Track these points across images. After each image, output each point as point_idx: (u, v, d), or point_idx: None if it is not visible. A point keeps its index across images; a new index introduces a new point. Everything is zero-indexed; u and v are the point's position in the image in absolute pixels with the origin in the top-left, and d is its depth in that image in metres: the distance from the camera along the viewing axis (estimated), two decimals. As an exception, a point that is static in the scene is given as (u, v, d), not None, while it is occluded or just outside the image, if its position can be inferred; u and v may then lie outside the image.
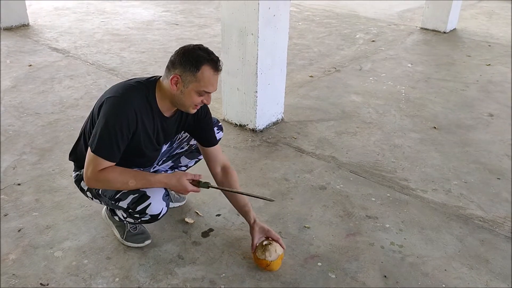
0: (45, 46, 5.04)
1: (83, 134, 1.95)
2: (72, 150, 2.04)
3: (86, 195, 2.04)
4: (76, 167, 2.04)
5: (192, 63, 1.71)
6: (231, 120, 3.38)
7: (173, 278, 1.98)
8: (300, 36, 5.69)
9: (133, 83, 1.83)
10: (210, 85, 1.77)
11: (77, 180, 2.02)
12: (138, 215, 1.88)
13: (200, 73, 1.72)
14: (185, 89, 1.75)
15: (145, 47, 5.11)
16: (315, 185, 2.67)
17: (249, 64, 3.05)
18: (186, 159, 2.32)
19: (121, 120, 1.72)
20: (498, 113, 3.69)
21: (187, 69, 1.72)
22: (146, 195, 1.83)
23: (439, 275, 2.04)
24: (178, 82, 1.74)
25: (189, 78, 1.73)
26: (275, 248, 1.96)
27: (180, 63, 1.73)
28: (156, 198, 1.84)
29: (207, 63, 1.72)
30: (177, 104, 1.83)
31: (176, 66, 1.74)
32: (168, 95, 1.80)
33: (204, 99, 1.81)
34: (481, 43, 5.56)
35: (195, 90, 1.75)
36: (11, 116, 3.43)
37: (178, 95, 1.77)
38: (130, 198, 1.84)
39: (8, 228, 2.25)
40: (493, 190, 2.67)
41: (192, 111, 1.86)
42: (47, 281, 1.94)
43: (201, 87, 1.75)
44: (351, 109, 3.70)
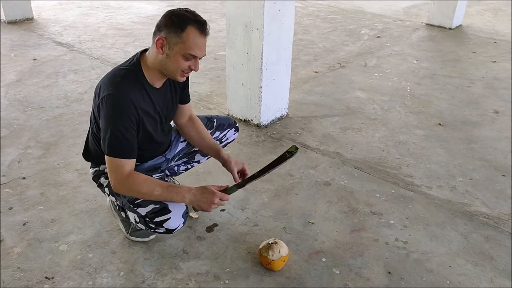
0: (49, 40, 5.04)
1: (92, 133, 1.92)
2: (85, 151, 2.02)
3: (103, 190, 2.01)
4: (94, 164, 2.02)
5: (176, 24, 1.64)
6: (236, 115, 3.38)
7: (178, 272, 1.98)
8: (305, 31, 5.67)
9: (119, 71, 1.75)
10: (196, 48, 1.68)
11: (96, 176, 2.00)
12: (153, 225, 1.83)
13: (185, 34, 1.64)
14: (170, 52, 1.67)
15: (150, 41, 5.05)
16: (320, 181, 2.66)
17: (254, 59, 3.04)
18: (200, 156, 2.32)
19: (123, 118, 1.68)
20: (504, 110, 3.67)
21: (172, 30, 1.65)
22: (167, 209, 1.79)
23: (444, 271, 2.03)
24: (163, 44, 1.67)
25: (174, 40, 1.65)
26: (279, 249, 1.96)
27: (165, 25, 1.66)
28: (177, 215, 1.81)
29: (192, 23, 1.65)
30: (164, 71, 1.75)
31: (161, 29, 1.67)
32: (156, 63, 1.73)
33: (191, 65, 1.72)
34: (487, 39, 5.52)
35: (181, 53, 1.67)
36: (16, 110, 3.43)
37: (164, 59, 1.70)
38: (151, 207, 1.80)
39: (13, 221, 2.26)
40: (498, 187, 2.66)
41: (180, 79, 1.78)
42: (52, 275, 1.95)
43: (186, 49, 1.66)
44: (355, 105, 3.69)
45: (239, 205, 2.42)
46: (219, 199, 1.77)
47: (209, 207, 1.76)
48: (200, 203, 1.76)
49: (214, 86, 3.99)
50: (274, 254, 1.94)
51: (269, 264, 1.96)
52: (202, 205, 1.76)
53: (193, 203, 1.77)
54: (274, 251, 1.95)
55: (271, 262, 1.95)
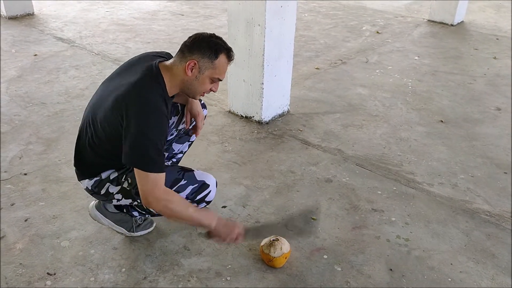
0: (50, 36, 5.03)
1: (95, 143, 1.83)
2: (80, 162, 1.93)
3: (112, 197, 1.92)
4: (89, 175, 1.91)
5: (211, 51, 1.73)
6: (237, 111, 3.37)
7: (179, 269, 1.98)
8: (306, 27, 5.65)
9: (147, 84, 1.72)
10: (223, 73, 1.81)
11: (98, 186, 1.90)
12: (196, 204, 1.91)
13: (217, 61, 1.75)
14: (200, 75, 1.76)
15: (151, 37, 5.08)
16: (321, 178, 2.66)
17: (255, 56, 3.03)
18: (178, 145, 2.28)
19: (162, 133, 1.70)
20: (506, 107, 3.66)
21: (206, 55, 1.73)
22: (206, 184, 1.90)
23: (445, 269, 2.03)
24: (194, 67, 1.74)
25: (207, 65, 1.74)
26: (281, 246, 1.96)
27: (199, 49, 1.73)
28: (213, 186, 1.94)
29: (224, 51, 1.77)
30: (187, 89, 1.80)
31: (194, 52, 1.73)
32: (179, 80, 1.77)
33: (213, 87, 1.83)
34: (489, 36, 5.51)
35: (210, 77, 1.78)
36: (17, 105, 3.43)
37: (192, 81, 1.77)
38: (190, 188, 1.87)
39: (14, 217, 2.26)
40: (500, 184, 2.66)
41: (197, 98, 1.89)
42: (54, 271, 1.95)
43: (216, 74, 1.78)
44: (357, 102, 3.68)
45: (241, 202, 2.42)
46: (238, 235, 1.81)
47: (226, 237, 1.79)
48: (222, 232, 1.79)
49: (215, 82, 3.98)
50: (275, 251, 1.94)
51: (271, 261, 1.97)
52: (222, 233, 1.79)
53: (216, 229, 1.79)
54: (276, 248, 1.95)
55: (273, 259, 1.95)
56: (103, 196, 1.92)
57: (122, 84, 1.73)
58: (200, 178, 1.90)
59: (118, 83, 1.76)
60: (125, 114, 1.66)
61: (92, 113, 1.83)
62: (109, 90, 1.78)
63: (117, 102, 1.69)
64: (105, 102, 1.75)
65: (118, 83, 1.77)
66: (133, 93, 1.69)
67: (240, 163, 2.78)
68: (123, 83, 1.73)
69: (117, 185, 1.87)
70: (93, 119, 1.81)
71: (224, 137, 3.08)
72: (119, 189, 1.87)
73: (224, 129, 3.18)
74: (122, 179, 1.86)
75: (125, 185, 1.86)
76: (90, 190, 1.93)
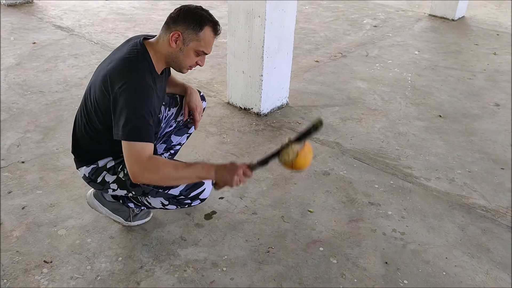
0: (49, 24, 5.00)
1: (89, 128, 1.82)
2: (77, 149, 1.92)
3: (108, 187, 1.89)
4: (86, 163, 1.90)
5: (195, 22, 1.70)
6: (236, 103, 3.37)
7: (176, 259, 1.99)
8: (306, 20, 5.63)
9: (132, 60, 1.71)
10: (209, 46, 1.77)
11: (95, 173, 1.88)
12: (189, 200, 1.89)
13: (202, 33, 1.72)
14: (184, 47, 1.73)
15: (150, 27, 5.06)
16: (319, 171, 2.67)
17: (255, 47, 3.02)
18: (176, 137, 2.28)
19: (147, 103, 1.66)
20: (505, 103, 3.67)
21: (190, 27, 1.70)
22: (200, 181, 1.86)
23: (440, 262, 2.05)
24: (178, 39, 1.71)
25: (191, 37, 1.71)
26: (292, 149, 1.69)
27: (184, 20, 1.70)
28: (208, 183, 1.88)
29: (209, 23, 1.73)
30: (172, 62, 1.78)
31: (178, 23, 1.71)
32: (165, 54, 1.75)
33: (199, 60, 1.80)
34: (490, 31, 5.49)
35: (195, 49, 1.74)
36: (15, 93, 3.42)
37: (176, 52, 1.74)
38: (184, 185, 1.84)
39: (12, 205, 2.26)
40: (497, 180, 2.67)
41: (184, 71, 1.84)
42: (50, 259, 1.96)
43: (201, 46, 1.74)
44: (356, 96, 3.68)
45: (238, 193, 2.43)
46: (243, 173, 1.71)
47: (232, 179, 1.69)
48: (225, 176, 1.70)
49: (215, 73, 3.97)
50: (290, 156, 1.70)
51: (294, 166, 1.73)
52: (226, 178, 1.70)
53: (218, 177, 1.71)
54: (289, 152, 1.70)
55: (294, 164, 1.71)
56: (100, 184, 1.91)
57: (109, 62, 1.73)
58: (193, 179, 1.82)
59: (106, 63, 1.77)
60: (111, 88, 1.64)
61: (84, 98, 1.84)
62: (99, 72, 1.78)
63: (103, 78, 1.69)
64: (96, 84, 1.75)
65: (106, 63, 1.77)
66: (118, 67, 1.68)
67: (238, 155, 2.78)
68: (111, 61, 1.73)
69: (113, 174, 1.86)
70: (85, 103, 1.82)
71: (223, 128, 3.08)
72: (114, 178, 1.87)
73: (223, 121, 3.18)
74: (118, 169, 1.85)
75: (120, 175, 1.85)
76: (87, 178, 1.92)
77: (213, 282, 1.89)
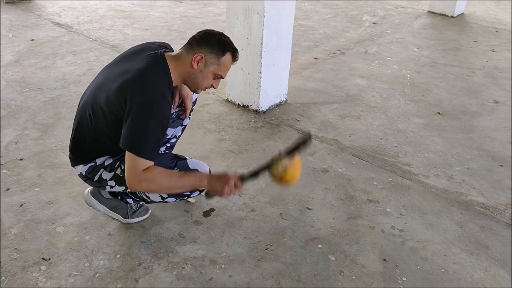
0: (47, 21, 4.99)
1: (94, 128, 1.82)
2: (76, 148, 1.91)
3: (106, 184, 1.91)
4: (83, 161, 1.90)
5: (219, 47, 1.79)
6: (234, 100, 3.36)
7: (174, 256, 1.99)
8: (305, 17, 5.62)
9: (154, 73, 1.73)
10: (226, 71, 1.86)
11: (92, 171, 1.89)
12: (188, 192, 1.92)
13: (223, 58, 1.80)
14: (205, 69, 1.80)
15: (149, 24, 5.05)
16: (317, 168, 2.66)
17: (254, 44, 3.02)
18: (171, 130, 2.25)
19: (164, 124, 1.72)
20: (504, 100, 3.66)
21: (214, 51, 1.78)
22: None
23: (438, 260, 2.05)
24: (201, 61, 1.77)
25: (213, 60, 1.79)
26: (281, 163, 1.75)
27: (208, 44, 1.78)
28: None
29: (231, 50, 1.82)
30: (190, 81, 1.84)
31: (203, 46, 1.78)
32: (183, 71, 1.80)
33: (214, 83, 1.87)
34: (489, 28, 5.49)
35: (214, 72, 1.82)
36: (14, 90, 3.41)
37: (196, 74, 1.80)
38: None
39: (10, 202, 2.26)
40: (496, 177, 2.67)
41: (199, 92, 1.92)
42: (49, 256, 1.96)
43: (220, 70, 1.83)
44: (355, 93, 3.67)
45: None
46: (234, 184, 1.76)
47: (223, 190, 1.75)
48: (216, 186, 1.76)
49: (213, 70, 3.96)
50: (279, 169, 1.75)
51: (282, 180, 1.79)
52: (218, 188, 1.76)
53: (210, 186, 1.77)
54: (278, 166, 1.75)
55: (283, 178, 1.77)
56: (97, 182, 1.91)
57: (128, 70, 1.74)
58: (193, 166, 1.89)
59: (123, 69, 1.76)
60: (130, 98, 1.67)
61: (92, 98, 1.82)
62: (113, 75, 1.78)
63: (122, 86, 1.70)
64: (109, 87, 1.75)
65: (123, 69, 1.77)
66: (140, 78, 1.70)
67: (237, 152, 2.78)
68: (129, 69, 1.74)
69: (110, 171, 1.86)
70: (93, 104, 1.81)
71: (221, 125, 3.08)
72: (112, 175, 1.87)
73: (221, 118, 3.18)
74: (116, 165, 1.85)
75: (118, 172, 1.85)
76: (83, 176, 1.92)
77: (212, 279, 1.89)
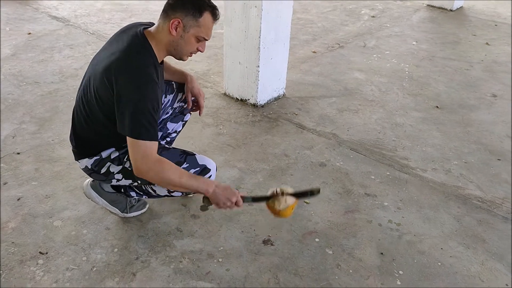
0: (44, 14, 4.96)
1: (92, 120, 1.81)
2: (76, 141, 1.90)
3: (112, 177, 1.90)
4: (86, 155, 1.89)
5: (195, 8, 1.70)
6: (232, 94, 3.35)
7: (171, 250, 1.99)
8: (304, 10, 5.60)
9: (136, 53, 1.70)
10: (209, 32, 1.77)
11: (98, 165, 1.88)
12: None
13: (202, 19, 1.72)
14: (185, 34, 1.72)
15: (147, 17, 5.02)
16: (315, 162, 2.66)
17: (251, 38, 3.00)
18: (172, 124, 2.25)
19: (153, 100, 1.66)
20: (502, 93, 3.66)
21: (190, 13, 1.70)
22: (207, 168, 1.88)
23: (435, 253, 2.05)
24: (178, 26, 1.70)
25: (191, 23, 1.71)
26: (285, 199, 1.81)
27: (183, 7, 1.70)
28: (213, 171, 1.91)
29: (208, 9, 1.73)
30: (174, 50, 1.77)
31: (177, 10, 1.70)
32: (164, 42, 1.74)
33: (199, 47, 1.79)
34: (488, 22, 5.47)
35: (195, 36, 1.74)
36: (11, 84, 3.40)
37: (177, 40, 1.73)
38: (192, 171, 1.85)
39: (7, 196, 2.26)
40: (493, 171, 2.67)
41: (185, 59, 1.84)
42: (46, 250, 1.96)
43: (201, 32, 1.74)
44: (353, 86, 3.66)
45: (234, 185, 2.43)
46: (236, 201, 1.75)
47: (224, 203, 1.74)
48: (219, 198, 1.74)
49: (211, 64, 3.95)
50: (280, 205, 1.80)
51: (278, 214, 1.83)
52: (219, 199, 1.74)
53: (213, 195, 1.74)
54: (280, 201, 1.80)
55: (279, 212, 1.80)
56: (103, 175, 1.90)
57: (111, 54, 1.71)
58: (201, 162, 1.88)
59: (106, 54, 1.74)
60: (115, 82, 1.63)
61: (83, 90, 1.81)
62: (100, 61, 1.75)
63: (106, 70, 1.67)
64: (96, 74, 1.73)
65: (106, 54, 1.74)
66: (122, 60, 1.66)
67: (235, 146, 2.77)
68: (112, 52, 1.71)
69: (119, 165, 1.85)
70: (85, 94, 1.79)
71: (219, 119, 3.07)
72: (120, 169, 1.86)
73: (219, 112, 3.17)
74: (124, 159, 1.84)
75: (126, 165, 1.84)
76: (89, 170, 1.91)
77: (209, 273, 1.89)
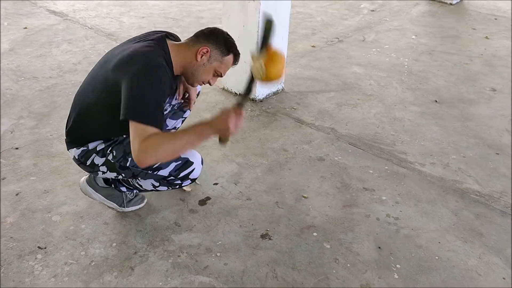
0: (42, 9, 4.94)
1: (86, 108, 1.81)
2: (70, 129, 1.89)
3: (97, 169, 1.89)
4: (76, 144, 1.89)
5: (225, 46, 1.82)
6: (231, 89, 3.35)
7: (170, 244, 2.00)
8: (303, 4, 5.58)
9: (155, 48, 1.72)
10: (226, 71, 1.89)
11: (84, 156, 1.87)
12: (179, 181, 1.94)
13: (227, 57, 1.84)
14: (208, 64, 1.82)
15: (145, 12, 5.01)
16: (314, 156, 2.66)
17: (250, 32, 2.99)
18: (172, 121, 2.25)
19: (164, 92, 1.68)
20: (501, 88, 3.65)
21: (219, 48, 1.81)
22: (189, 161, 1.90)
23: (433, 247, 2.06)
24: (205, 54, 1.79)
25: (217, 57, 1.82)
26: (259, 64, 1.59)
27: (215, 40, 1.81)
28: (198, 163, 1.93)
29: (234, 52, 1.86)
30: (190, 73, 1.85)
31: (209, 41, 1.80)
32: (185, 61, 1.81)
33: (212, 80, 1.89)
34: (488, 16, 5.45)
35: (215, 69, 1.84)
36: (9, 79, 3.39)
37: (198, 66, 1.82)
38: (173, 165, 1.87)
39: (6, 191, 2.26)
40: (491, 165, 2.67)
41: (195, 85, 1.94)
42: (45, 245, 1.96)
43: (221, 68, 1.85)
44: (352, 81, 3.66)
45: (232, 179, 2.43)
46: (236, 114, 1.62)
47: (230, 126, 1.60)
48: (222, 125, 1.62)
49: (210, 58, 3.94)
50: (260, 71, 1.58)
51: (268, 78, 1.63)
52: (224, 126, 1.61)
53: (216, 129, 1.64)
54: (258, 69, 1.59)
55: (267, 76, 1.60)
56: (89, 167, 1.91)
57: (127, 48, 1.75)
58: (184, 155, 1.89)
59: (122, 49, 1.77)
60: (127, 71, 1.63)
61: (90, 79, 1.85)
62: (114, 55, 1.77)
63: (120, 61, 1.70)
64: (107, 66, 1.74)
65: (122, 49, 1.77)
66: (138, 53, 1.69)
67: (233, 141, 2.77)
68: (128, 48, 1.74)
69: (102, 157, 1.86)
70: (91, 84, 1.82)
71: (218, 114, 3.06)
72: (103, 161, 1.87)
73: (218, 107, 3.17)
74: (108, 151, 1.85)
75: (109, 158, 1.85)
76: (77, 160, 1.92)
77: (207, 267, 1.90)
